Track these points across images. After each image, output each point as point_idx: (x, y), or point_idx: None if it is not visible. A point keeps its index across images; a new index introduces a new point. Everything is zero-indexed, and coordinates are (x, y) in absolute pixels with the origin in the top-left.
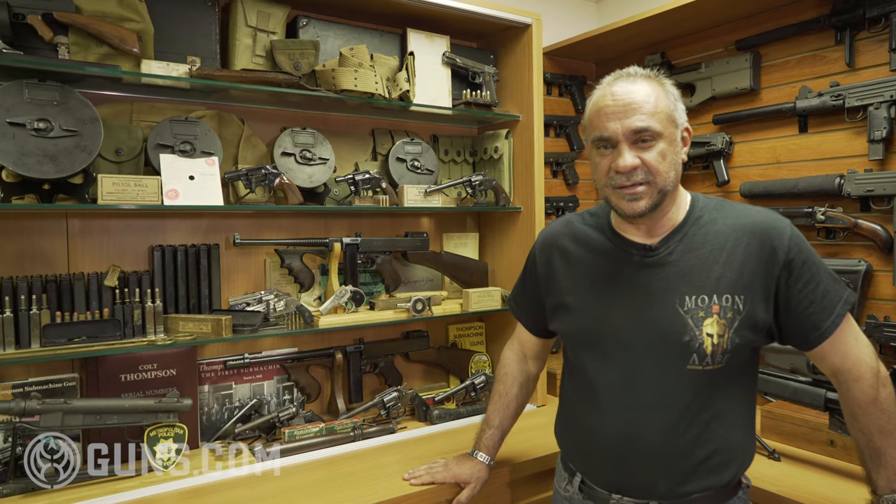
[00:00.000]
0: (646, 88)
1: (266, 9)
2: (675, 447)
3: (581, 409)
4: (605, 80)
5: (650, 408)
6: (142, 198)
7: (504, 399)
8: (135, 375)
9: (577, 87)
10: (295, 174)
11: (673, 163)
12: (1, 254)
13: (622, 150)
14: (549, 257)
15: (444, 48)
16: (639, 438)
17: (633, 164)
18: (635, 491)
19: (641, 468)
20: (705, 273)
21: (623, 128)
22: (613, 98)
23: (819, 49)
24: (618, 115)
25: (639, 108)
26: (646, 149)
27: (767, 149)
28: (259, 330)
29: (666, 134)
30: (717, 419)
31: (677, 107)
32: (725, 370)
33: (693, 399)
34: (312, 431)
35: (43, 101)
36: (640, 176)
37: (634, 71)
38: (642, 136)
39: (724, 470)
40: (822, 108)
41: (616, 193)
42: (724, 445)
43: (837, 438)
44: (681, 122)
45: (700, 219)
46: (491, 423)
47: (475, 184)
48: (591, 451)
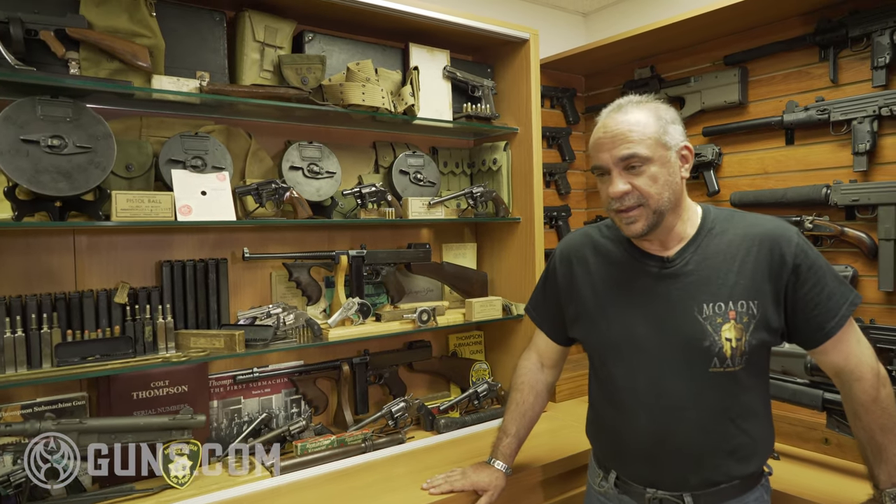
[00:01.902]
0: (635, 117)
1: (273, 24)
2: (703, 443)
3: (611, 412)
4: (603, 113)
5: (678, 409)
6: (155, 214)
7: (521, 408)
8: (147, 393)
9: (567, 100)
10: (303, 188)
11: (667, 183)
12: (8, 272)
13: (613, 177)
14: (570, 267)
15: (444, 62)
16: (670, 438)
17: (622, 189)
18: (669, 485)
19: (674, 464)
20: (721, 281)
21: (612, 157)
22: (605, 130)
23: (804, 65)
24: (607, 145)
25: (625, 137)
26: (636, 174)
27: (756, 160)
28: (270, 344)
29: (655, 158)
30: (741, 415)
31: (668, 130)
32: (745, 370)
33: (717, 399)
34: (324, 444)
35: (56, 117)
36: (632, 200)
37: (627, 100)
38: (630, 162)
39: (749, 461)
40: (808, 121)
41: (616, 216)
42: (748, 438)
43: (832, 436)
44: (674, 144)
45: (712, 230)
46: (508, 432)
47: (476, 195)
48: (624, 450)
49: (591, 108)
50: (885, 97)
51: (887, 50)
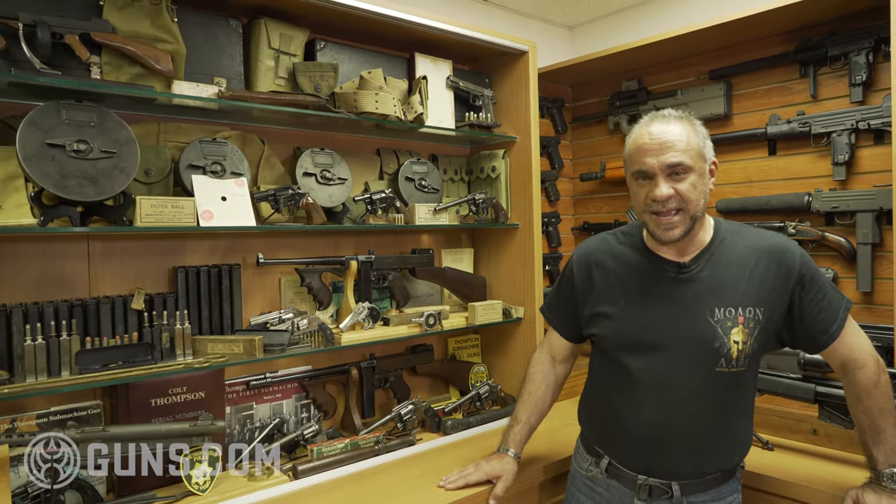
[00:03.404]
0: (678, 129)
1: (288, 31)
2: (700, 436)
3: (617, 402)
4: (643, 121)
5: (682, 403)
6: (178, 219)
7: (532, 397)
8: (165, 399)
9: (556, 110)
10: (316, 194)
11: (702, 192)
12: (23, 279)
13: (658, 181)
14: (588, 271)
15: (447, 72)
16: (670, 428)
17: (668, 193)
18: (661, 473)
19: (671, 454)
20: (731, 288)
21: (659, 163)
22: (651, 137)
23: (786, 81)
24: (654, 151)
25: (673, 145)
26: (679, 181)
27: (740, 169)
28: (286, 349)
29: (696, 168)
30: (734, 412)
31: (706, 144)
32: (745, 371)
33: (718, 396)
34: (339, 447)
35: (80, 121)
36: (674, 204)
37: (668, 113)
38: (676, 169)
39: (733, 455)
40: (790, 133)
41: (653, 220)
42: (735, 434)
43: (820, 427)
44: (709, 157)
45: (724, 241)
46: (519, 419)
47: (479, 202)
48: (624, 438)
49: (579, 118)
50: (863, 112)
51: (864, 69)
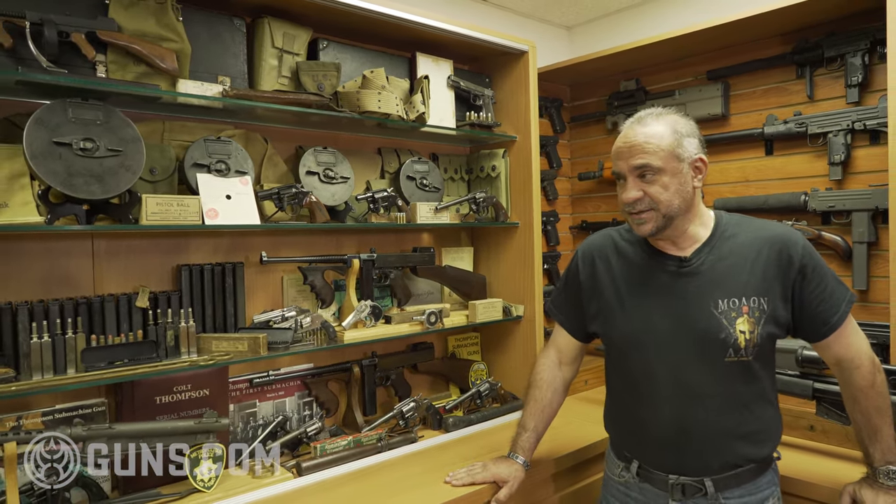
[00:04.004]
0: (652, 129)
1: (292, 31)
2: (723, 428)
3: (632, 403)
4: (625, 124)
5: (697, 397)
6: (184, 218)
7: (539, 404)
8: (170, 397)
9: (555, 109)
10: (319, 193)
11: (678, 192)
12: (28, 276)
13: (628, 184)
14: (592, 267)
15: (448, 72)
16: (690, 425)
17: (634, 196)
18: (692, 470)
19: (697, 450)
20: (734, 279)
21: (627, 165)
22: (624, 140)
23: (783, 82)
24: (624, 154)
25: (641, 148)
26: (649, 182)
27: (737, 168)
28: (290, 347)
29: (668, 168)
30: (754, 401)
31: (682, 143)
32: (756, 360)
33: (732, 387)
34: (342, 445)
35: (87, 120)
36: (643, 205)
37: (647, 113)
38: (643, 171)
39: (763, 444)
40: (787, 133)
41: (629, 218)
42: (761, 424)
43: (817, 424)
44: (687, 156)
45: (724, 233)
46: (527, 427)
47: (479, 200)
48: (647, 439)
49: (577, 117)
50: (858, 112)
51: (860, 70)
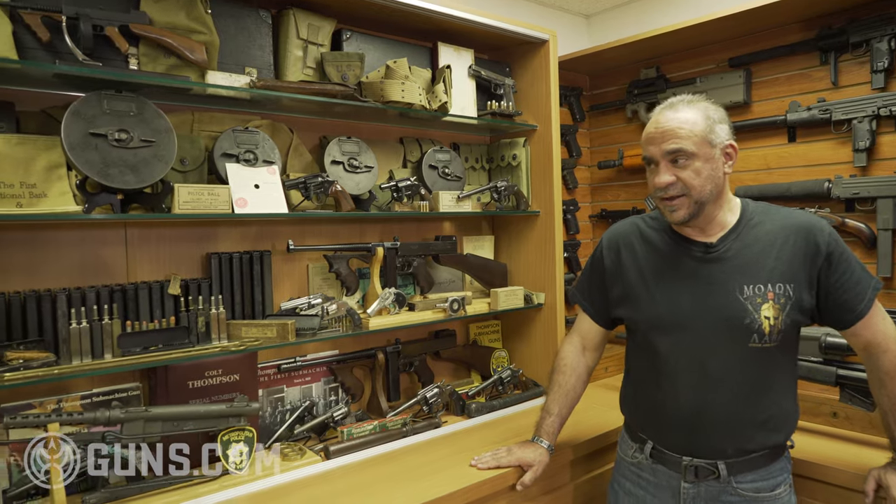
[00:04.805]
0: (684, 116)
1: (316, 22)
2: (740, 413)
3: (653, 386)
4: (656, 109)
5: (718, 381)
6: (214, 207)
7: (563, 389)
8: (201, 382)
9: (574, 98)
10: (344, 182)
11: (710, 178)
12: (64, 264)
13: (660, 169)
14: (617, 253)
15: (469, 61)
16: (708, 408)
17: (667, 181)
18: (706, 452)
19: (711, 433)
20: (760, 265)
21: (660, 150)
22: (656, 125)
23: (806, 68)
24: (657, 139)
25: (674, 133)
26: (681, 167)
27: (759, 156)
28: (317, 333)
29: (701, 154)
30: (773, 388)
31: (714, 129)
32: (779, 347)
33: (753, 372)
34: (367, 429)
35: (121, 111)
36: (676, 190)
37: (679, 99)
38: (676, 156)
39: (777, 433)
40: (810, 120)
41: (661, 203)
42: (778, 412)
43: (840, 410)
44: (719, 142)
45: (751, 220)
46: (551, 412)
47: (501, 189)
48: (664, 421)
49: (597, 106)
50: (884, 98)
51: (885, 55)
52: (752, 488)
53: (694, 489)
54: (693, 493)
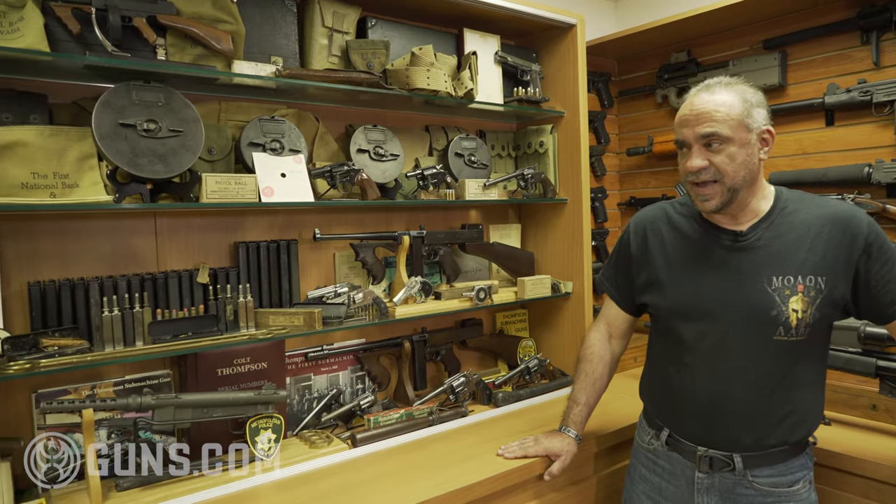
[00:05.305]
0: (721, 98)
1: (341, 10)
2: (759, 406)
3: (674, 372)
4: (691, 91)
5: (739, 372)
6: (241, 196)
7: (590, 378)
8: (230, 369)
9: (602, 84)
10: (370, 170)
11: (744, 163)
12: (97, 253)
13: (693, 152)
14: (643, 239)
15: (495, 47)
16: (728, 398)
17: (700, 165)
18: (722, 444)
19: (729, 424)
20: (791, 256)
21: (694, 134)
22: (691, 108)
23: (845, 49)
24: (691, 122)
25: (709, 116)
26: (715, 152)
27: (794, 141)
28: (343, 322)
29: (736, 138)
30: (795, 384)
31: (751, 113)
32: (806, 341)
33: (777, 365)
34: (394, 418)
35: (149, 102)
36: (708, 175)
37: (716, 81)
38: (709, 140)
39: (798, 428)
40: (850, 103)
41: (692, 190)
42: (799, 408)
43: (880, 402)
44: (755, 127)
45: (785, 209)
46: (578, 401)
47: (528, 177)
48: (682, 409)
49: (626, 91)
50: None
51: None
52: (768, 483)
53: (708, 479)
54: (707, 484)
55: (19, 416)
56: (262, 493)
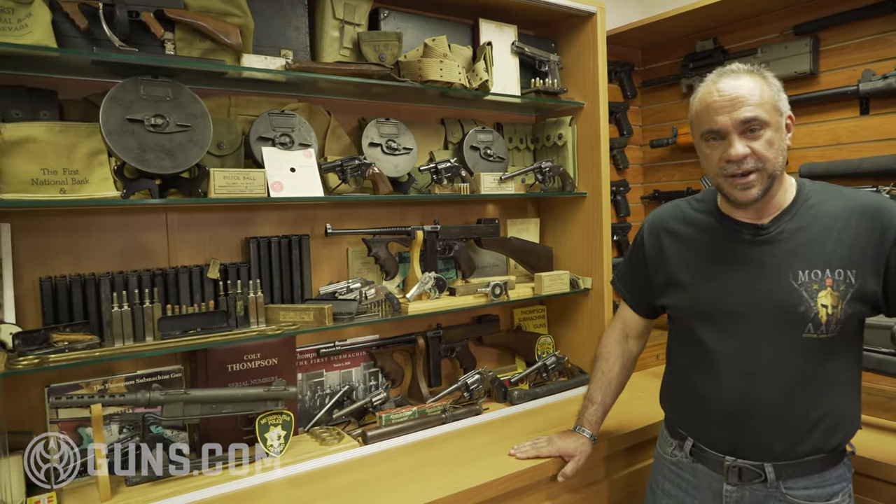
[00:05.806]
0: (750, 82)
1: (353, 1)
2: (789, 410)
3: (696, 378)
4: (709, 78)
5: (766, 373)
6: (250, 191)
7: (606, 377)
8: (240, 365)
9: (625, 74)
10: (382, 164)
11: (780, 149)
12: (108, 249)
13: (732, 140)
14: (658, 239)
15: (512, 37)
16: (756, 402)
17: (743, 152)
18: (751, 453)
19: (758, 430)
20: (817, 249)
21: (732, 120)
22: (720, 93)
23: (882, 33)
24: (725, 108)
25: (745, 100)
26: (754, 138)
27: (826, 131)
28: (354, 318)
29: (772, 123)
30: (828, 385)
31: (780, 97)
32: (837, 339)
33: (806, 365)
34: (406, 415)
35: (157, 97)
36: (751, 164)
37: (737, 67)
38: (750, 125)
39: (833, 434)
40: (887, 90)
41: (728, 182)
42: (834, 411)
43: None
44: (785, 111)
45: (808, 201)
46: (594, 400)
47: (545, 170)
48: (706, 415)
49: (649, 82)
50: None
51: None
52: (803, 496)
53: (738, 492)
54: (737, 497)
55: (32, 410)
56: (272, 490)
